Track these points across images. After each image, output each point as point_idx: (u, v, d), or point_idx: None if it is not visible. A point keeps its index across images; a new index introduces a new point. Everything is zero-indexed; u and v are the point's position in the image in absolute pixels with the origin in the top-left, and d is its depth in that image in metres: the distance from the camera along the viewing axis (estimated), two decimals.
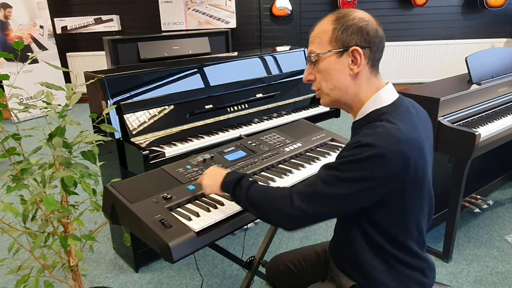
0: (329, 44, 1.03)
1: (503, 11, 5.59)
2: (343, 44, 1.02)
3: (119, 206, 1.22)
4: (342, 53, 1.03)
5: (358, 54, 1.01)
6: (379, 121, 1.00)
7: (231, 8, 5.66)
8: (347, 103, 1.08)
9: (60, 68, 1.44)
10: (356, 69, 1.03)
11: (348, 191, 0.96)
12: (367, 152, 0.93)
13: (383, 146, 0.92)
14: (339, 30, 1.02)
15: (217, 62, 2.38)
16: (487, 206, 2.59)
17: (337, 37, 1.02)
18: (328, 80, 1.06)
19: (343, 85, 1.05)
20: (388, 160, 0.93)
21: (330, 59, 1.04)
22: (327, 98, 1.09)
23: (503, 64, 2.55)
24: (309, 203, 0.99)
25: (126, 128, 1.93)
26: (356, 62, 1.02)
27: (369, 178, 0.94)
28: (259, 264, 1.85)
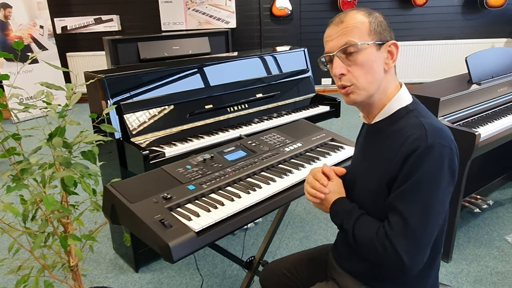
0: (369, 36, 1.00)
1: (503, 11, 5.59)
2: (380, 38, 1.01)
3: (119, 206, 1.22)
4: (380, 47, 1.02)
5: (396, 48, 1.03)
6: (411, 117, 1.01)
7: (231, 8, 5.66)
8: (376, 100, 1.05)
9: (60, 68, 1.44)
10: (391, 63, 1.03)
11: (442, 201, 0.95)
12: (433, 153, 0.92)
13: (438, 140, 0.93)
14: (374, 23, 1.01)
15: (217, 62, 2.38)
16: (487, 206, 2.59)
17: (375, 30, 1.01)
18: (368, 73, 1.01)
19: (378, 79, 1.03)
20: (452, 153, 0.95)
21: (371, 51, 1.00)
22: (361, 94, 1.03)
23: (503, 64, 2.55)
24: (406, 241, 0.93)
25: (126, 128, 1.93)
26: (393, 56, 1.03)
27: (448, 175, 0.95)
28: (259, 264, 1.85)
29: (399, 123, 1.02)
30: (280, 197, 1.33)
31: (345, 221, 1.06)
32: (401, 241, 0.93)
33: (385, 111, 1.05)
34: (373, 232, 0.99)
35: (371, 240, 0.98)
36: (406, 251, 0.93)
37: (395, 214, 0.96)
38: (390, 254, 0.94)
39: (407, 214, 0.93)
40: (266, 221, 2.74)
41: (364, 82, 1.01)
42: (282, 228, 2.63)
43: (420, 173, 0.92)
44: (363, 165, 1.13)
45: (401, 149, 0.96)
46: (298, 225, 2.67)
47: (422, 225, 0.93)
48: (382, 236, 0.96)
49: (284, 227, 2.65)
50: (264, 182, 1.38)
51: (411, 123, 0.99)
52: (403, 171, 0.95)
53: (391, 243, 0.94)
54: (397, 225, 0.94)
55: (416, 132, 0.95)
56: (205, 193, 1.30)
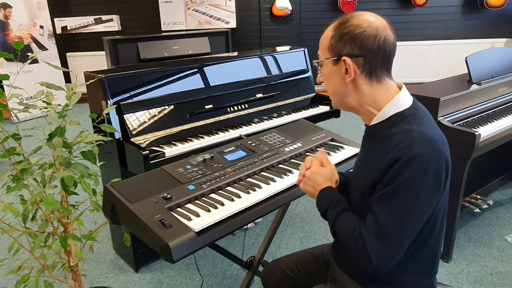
0: (328, 52, 1.05)
1: (503, 11, 5.58)
2: (337, 53, 1.03)
3: (119, 206, 1.22)
4: (336, 62, 1.04)
5: (348, 64, 1.01)
6: (405, 124, 1.00)
7: (231, 8, 5.66)
8: (352, 107, 1.09)
9: (60, 68, 1.44)
10: (347, 78, 1.03)
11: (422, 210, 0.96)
12: (417, 163, 0.92)
13: (429, 153, 0.93)
14: (335, 38, 1.03)
15: (217, 62, 2.38)
16: (487, 206, 2.58)
17: (332, 46, 1.03)
18: (328, 84, 1.09)
19: (341, 91, 1.07)
20: (440, 165, 0.95)
21: (328, 66, 1.06)
22: (333, 101, 1.12)
23: (503, 64, 2.55)
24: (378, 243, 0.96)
25: (126, 128, 1.93)
26: (348, 71, 1.02)
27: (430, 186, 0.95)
28: (259, 264, 1.85)
29: (394, 128, 1.01)
30: (280, 197, 1.33)
31: (330, 210, 1.10)
32: (372, 241, 0.97)
33: (381, 115, 1.05)
34: (351, 229, 1.03)
35: (347, 235, 1.03)
36: (375, 251, 0.96)
37: (371, 215, 0.99)
38: (361, 252, 0.98)
39: (382, 217, 0.96)
40: (266, 221, 2.74)
41: (330, 92, 1.11)
42: (282, 228, 2.63)
43: (400, 181, 0.93)
44: (360, 164, 1.15)
45: (388, 156, 0.97)
46: (298, 225, 2.67)
47: (395, 229, 0.95)
48: (357, 235, 1.00)
49: (284, 227, 2.65)
50: (264, 182, 1.38)
51: (403, 130, 0.99)
52: (386, 177, 0.96)
53: (363, 242, 0.98)
54: (371, 226, 0.98)
55: (405, 140, 0.95)
56: (205, 193, 1.30)
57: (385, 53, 1.01)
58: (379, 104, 1.04)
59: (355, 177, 1.15)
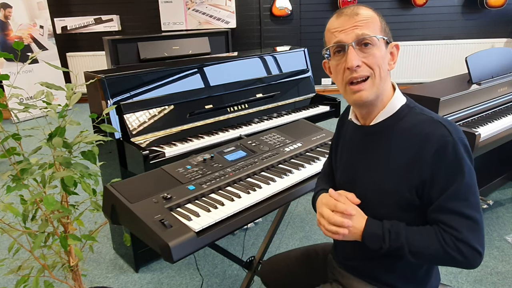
0: (380, 32, 0.99)
1: (503, 11, 5.59)
2: (387, 36, 1.01)
3: (119, 206, 1.22)
4: (387, 45, 1.01)
5: (397, 50, 1.03)
6: (416, 114, 1.01)
7: (231, 8, 5.66)
8: (380, 98, 1.03)
9: (60, 68, 1.44)
10: (393, 64, 1.03)
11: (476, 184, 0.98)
12: (462, 147, 0.95)
13: (460, 135, 0.97)
14: (383, 22, 1.01)
15: (217, 62, 2.38)
16: (487, 206, 2.59)
17: (384, 28, 1.00)
18: (381, 67, 0.98)
19: (386, 77, 1.01)
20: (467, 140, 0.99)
21: (383, 47, 0.99)
22: (373, 90, 0.99)
23: (503, 64, 2.55)
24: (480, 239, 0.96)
25: (126, 128, 1.93)
26: (394, 57, 1.02)
27: (473, 162, 0.98)
28: (259, 264, 1.85)
29: (406, 120, 1.01)
30: (280, 197, 1.33)
31: (393, 240, 0.98)
32: (472, 236, 0.94)
33: (387, 110, 1.03)
34: (437, 240, 0.95)
35: (440, 250, 0.95)
36: (479, 243, 0.95)
37: (452, 215, 0.95)
38: (467, 253, 0.94)
39: (466, 211, 0.94)
40: (266, 221, 2.74)
41: (378, 76, 0.98)
42: (282, 228, 2.63)
43: (462, 172, 0.94)
44: (368, 167, 1.07)
45: (425, 148, 0.95)
46: (298, 225, 2.67)
47: (479, 213, 0.96)
48: (452, 241, 0.94)
49: (284, 227, 2.65)
50: (264, 182, 1.38)
51: (423, 120, 0.99)
52: (440, 171, 0.94)
53: (465, 243, 0.94)
54: (460, 224, 0.94)
55: (435, 130, 0.96)
56: (205, 193, 1.30)
57: None
58: (388, 98, 1.05)
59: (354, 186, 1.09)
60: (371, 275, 1.14)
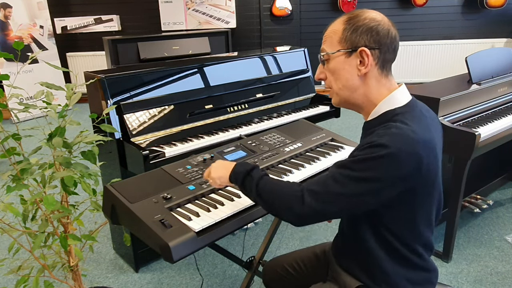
0: (339, 44, 1.04)
1: (503, 11, 5.59)
2: (352, 45, 1.02)
3: (119, 206, 1.22)
4: (350, 53, 1.03)
5: (366, 55, 1.01)
6: (393, 121, 1.00)
7: (231, 8, 5.66)
8: (357, 103, 1.08)
9: (60, 68, 1.44)
10: (363, 69, 1.03)
11: (358, 191, 0.96)
12: (380, 152, 0.92)
13: (396, 147, 0.92)
14: (348, 30, 1.02)
15: (217, 62, 2.38)
16: (487, 206, 2.59)
17: (346, 37, 1.03)
18: (337, 79, 1.07)
19: (351, 85, 1.05)
20: (400, 161, 0.92)
21: (339, 59, 1.05)
22: (337, 98, 1.10)
23: (503, 64, 2.55)
24: (319, 202, 0.99)
25: (126, 128, 1.93)
26: (364, 63, 1.02)
27: (380, 178, 0.94)
28: (259, 264, 1.85)
29: (383, 125, 1.01)
30: None
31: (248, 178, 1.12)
32: (312, 186, 1.02)
33: (375, 111, 1.06)
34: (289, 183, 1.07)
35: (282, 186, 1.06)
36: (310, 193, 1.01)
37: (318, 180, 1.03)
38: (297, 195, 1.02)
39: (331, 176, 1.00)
40: (266, 221, 2.74)
41: (335, 88, 1.08)
42: (282, 228, 2.63)
43: (360, 156, 0.96)
44: None
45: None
46: None
47: (333, 191, 0.98)
48: (301, 186, 1.04)
49: (284, 227, 2.65)
50: None
51: (386, 129, 0.98)
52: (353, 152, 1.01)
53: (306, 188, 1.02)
54: (319, 178, 1.03)
55: (380, 133, 0.96)
56: (205, 193, 1.30)
57: (395, 49, 1.05)
58: (377, 101, 1.06)
59: None
60: (356, 275, 1.15)
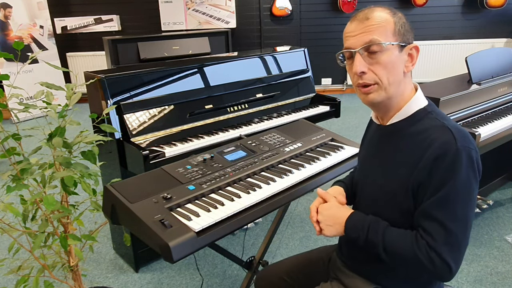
0: (393, 36, 0.99)
1: (503, 11, 5.59)
2: (404, 39, 1.00)
3: (119, 206, 1.22)
4: (402, 48, 1.00)
5: (417, 52, 1.02)
6: (430, 119, 1.01)
7: (231, 8, 5.66)
8: (394, 101, 1.04)
9: (60, 68, 1.44)
10: (410, 66, 1.02)
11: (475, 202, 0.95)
12: (464, 158, 0.92)
13: (466, 144, 0.94)
14: (399, 24, 1.00)
15: (217, 62, 2.38)
16: (487, 206, 2.59)
17: (399, 31, 0.99)
18: (390, 73, 0.99)
19: (398, 81, 1.01)
20: (478, 155, 0.96)
21: (394, 52, 0.99)
22: (381, 94, 1.01)
23: (503, 64, 2.55)
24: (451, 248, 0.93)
25: (126, 128, 1.93)
26: (413, 59, 1.02)
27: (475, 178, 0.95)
28: (259, 264, 1.85)
29: (420, 124, 1.01)
30: (280, 197, 1.33)
31: (371, 233, 1.01)
32: (447, 249, 0.92)
33: (403, 112, 1.04)
34: (410, 243, 0.96)
35: (411, 252, 0.95)
36: (453, 258, 0.92)
37: (432, 222, 0.94)
38: (438, 264, 0.92)
39: (448, 222, 0.92)
40: (266, 221, 2.74)
41: (386, 82, 1.00)
42: (282, 228, 2.63)
43: (455, 180, 0.91)
44: (378, 166, 1.10)
45: (427, 153, 0.95)
46: (298, 225, 2.67)
47: (463, 230, 0.93)
48: (425, 248, 0.94)
49: (284, 227, 2.65)
50: (264, 182, 1.38)
51: (434, 126, 0.98)
52: (435, 176, 0.93)
53: (437, 253, 0.92)
54: (438, 233, 0.93)
55: (442, 136, 0.95)
56: (205, 193, 1.30)
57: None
58: (405, 100, 1.04)
59: (368, 182, 1.12)
60: (373, 277, 1.14)
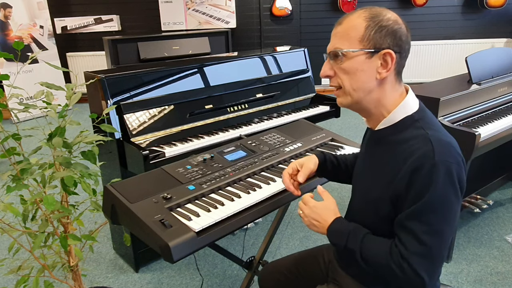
0: (360, 43, 0.96)
1: (503, 11, 5.59)
2: (375, 45, 0.95)
3: (119, 206, 1.22)
4: (372, 54, 0.96)
5: (390, 58, 0.96)
6: (415, 128, 0.97)
7: (231, 8, 5.66)
8: (367, 107, 1.02)
9: (60, 68, 1.44)
10: (384, 73, 0.97)
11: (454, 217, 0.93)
12: (442, 171, 0.89)
13: (445, 158, 0.91)
14: (372, 29, 0.95)
15: (217, 62, 2.38)
16: (487, 206, 2.58)
17: (369, 36, 0.95)
18: (352, 80, 0.98)
19: (367, 88, 0.98)
20: (461, 168, 0.93)
21: (359, 58, 0.96)
22: (347, 99, 1.01)
23: (503, 64, 2.55)
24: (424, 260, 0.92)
25: (126, 128, 1.93)
26: (386, 66, 0.97)
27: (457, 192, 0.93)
28: (259, 264, 1.85)
29: (405, 133, 0.98)
30: (280, 197, 1.33)
31: (350, 242, 1.01)
32: (419, 260, 0.91)
33: (389, 119, 1.01)
34: (385, 252, 0.96)
35: (385, 260, 0.96)
36: (425, 270, 0.91)
37: (407, 233, 0.93)
38: (409, 274, 0.92)
39: (422, 234, 0.91)
40: (266, 221, 2.74)
41: (348, 87, 1.00)
42: (282, 228, 2.63)
43: (431, 193, 0.90)
44: (366, 171, 1.10)
45: (406, 165, 0.93)
46: (298, 225, 2.67)
47: (437, 243, 0.91)
48: (397, 257, 0.93)
49: (284, 227, 2.65)
50: (264, 182, 1.38)
51: (417, 135, 0.96)
52: (412, 189, 0.92)
53: (409, 264, 0.91)
54: (412, 245, 0.92)
55: (422, 147, 0.92)
56: (205, 193, 1.30)
57: (408, 54, 1.01)
58: (391, 107, 1.01)
59: (357, 186, 1.12)
60: (366, 282, 1.14)
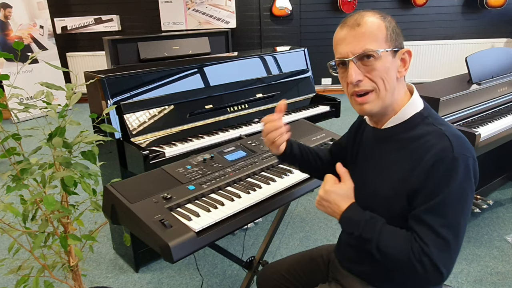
0: (385, 43, 0.96)
1: (503, 11, 5.59)
2: (396, 45, 0.98)
3: (119, 206, 1.22)
4: (395, 54, 0.98)
5: (409, 56, 0.99)
6: (426, 125, 0.99)
7: (231, 8, 5.66)
8: (390, 107, 1.01)
9: (60, 68, 1.44)
10: (403, 72, 0.99)
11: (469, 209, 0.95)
12: (460, 165, 0.91)
13: (463, 152, 0.92)
14: (390, 29, 0.97)
15: (217, 62, 2.38)
16: (487, 206, 2.59)
17: (391, 37, 0.97)
18: (385, 79, 0.97)
19: (393, 87, 0.99)
20: (475, 161, 0.94)
21: (388, 58, 0.96)
22: (378, 103, 0.99)
23: (503, 64, 2.55)
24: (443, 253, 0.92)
25: (126, 128, 1.93)
26: (405, 64, 0.99)
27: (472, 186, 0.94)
28: (259, 264, 1.85)
29: (417, 130, 0.99)
30: (280, 197, 1.33)
31: (366, 230, 0.99)
32: (438, 255, 0.92)
33: (399, 116, 1.02)
34: (406, 248, 0.95)
35: (406, 256, 0.94)
36: (444, 264, 0.92)
37: (426, 227, 0.93)
38: (429, 269, 0.92)
39: (440, 228, 0.92)
40: (266, 221, 2.74)
41: (383, 89, 0.97)
42: (282, 228, 2.63)
43: (450, 188, 0.91)
44: (372, 170, 1.09)
45: (423, 160, 0.94)
46: (298, 225, 2.67)
47: (454, 237, 0.92)
48: (419, 253, 0.93)
49: (284, 227, 2.65)
50: (264, 182, 1.38)
51: (430, 131, 0.97)
52: (430, 183, 0.93)
53: (430, 258, 0.92)
54: (430, 239, 0.92)
55: (439, 142, 0.93)
56: (205, 193, 1.30)
57: None
58: (398, 106, 1.02)
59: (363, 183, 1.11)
60: (369, 279, 1.13)
